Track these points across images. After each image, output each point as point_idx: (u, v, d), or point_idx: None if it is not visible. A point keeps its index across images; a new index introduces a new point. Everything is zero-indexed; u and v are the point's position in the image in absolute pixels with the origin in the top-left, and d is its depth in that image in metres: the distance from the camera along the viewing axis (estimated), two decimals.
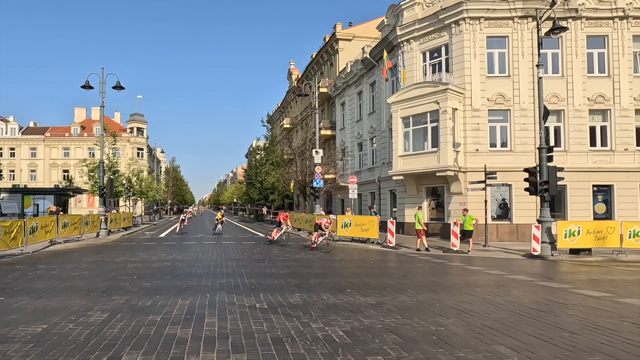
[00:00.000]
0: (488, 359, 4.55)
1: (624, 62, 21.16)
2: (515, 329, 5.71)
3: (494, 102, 21.36)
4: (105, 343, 5.00)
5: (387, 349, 4.85)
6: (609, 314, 6.60)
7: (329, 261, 13.51)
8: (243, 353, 4.68)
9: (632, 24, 21.15)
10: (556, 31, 15.46)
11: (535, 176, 15.50)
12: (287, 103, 56.24)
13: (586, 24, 21.25)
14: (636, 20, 21.14)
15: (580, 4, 20.85)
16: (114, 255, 14.50)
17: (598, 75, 21.37)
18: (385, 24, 26.51)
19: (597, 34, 21.35)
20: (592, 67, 21.47)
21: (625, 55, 21.16)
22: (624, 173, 20.77)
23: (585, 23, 21.23)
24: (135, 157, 68.90)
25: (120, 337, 5.24)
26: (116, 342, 5.02)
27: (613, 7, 20.91)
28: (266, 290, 8.24)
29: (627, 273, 11.63)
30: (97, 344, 4.95)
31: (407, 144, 22.80)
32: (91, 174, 35.18)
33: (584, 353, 4.75)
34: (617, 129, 21.09)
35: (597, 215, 20.78)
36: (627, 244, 14.84)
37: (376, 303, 7.23)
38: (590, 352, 4.77)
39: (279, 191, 42.03)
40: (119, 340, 5.10)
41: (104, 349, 4.78)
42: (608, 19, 21.17)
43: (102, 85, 22.50)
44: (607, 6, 20.95)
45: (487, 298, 7.77)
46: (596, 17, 21.14)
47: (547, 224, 15.02)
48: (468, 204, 19.64)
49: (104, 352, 4.68)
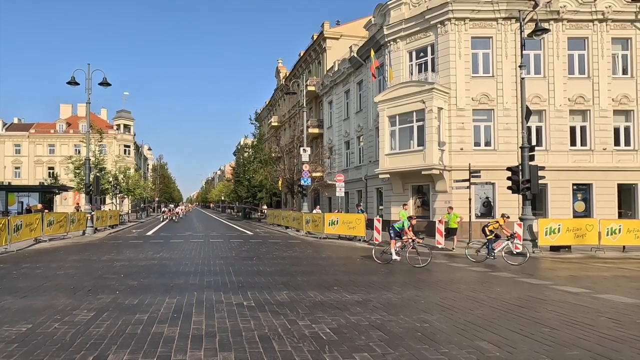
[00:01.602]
0: (471, 354, 4.61)
1: (603, 64, 21.55)
2: (497, 324, 5.80)
3: (478, 101, 21.58)
4: (91, 342, 4.94)
5: (373, 345, 4.89)
6: (587, 310, 6.74)
7: (316, 259, 13.54)
8: (230, 351, 4.67)
9: (611, 26, 21.55)
10: (538, 33, 15.68)
11: (518, 175, 15.73)
12: (275, 101, 56.04)
13: (567, 26, 21.58)
14: (615, 23, 21.54)
15: (561, 7, 21.16)
16: (100, 253, 14.31)
17: (578, 77, 21.74)
18: (372, 23, 26.57)
19: (577, 36, 21.71)
20: (572, 69, 21.83)
21: (605, 57, 21.56)
22: (603, 172, 21.19)
23: (566, 25, 21.57)
24: (122, 154, 68.02)
25: (107, 336, 5.19)
26: (102, 342, 4.97)
27: (593, 10, 21.27)
28: (254, 288, 8.23)
29: (605, 269, 11.90)
30: (83, 344, 4.89)
31: (394, 142, 22.92)
32: (77, 171, 34.62)
33: (562, 348, 4.85)
34: (596, 129, 21.50)
35: (576, 213, 21.17)
36: (605, 241, 15.16)
37: (362, 300, 7.27)
38: (569, 347, 4.88)
39: (267, 189, 41.90)
40: (105, 340, 5.04)
41: (90, 349, 4.72)
42: (588, 22, 21.53)
43: (88, 82, 22.12)
44: (587, 9, 21.31)
45: (471, 295, 7.88)
46: (577, 20, 21.49)
47: (529, 222, 15.29)
48: (453, 202, 19.85)
49: (90, 352, 4.62)
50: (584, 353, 4.68)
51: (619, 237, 15.26)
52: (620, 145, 21.69)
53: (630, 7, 21.32)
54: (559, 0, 21.17)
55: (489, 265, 12.43)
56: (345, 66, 30.34)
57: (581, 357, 4.57)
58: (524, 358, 4.51)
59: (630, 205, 21.70)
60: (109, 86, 22.53)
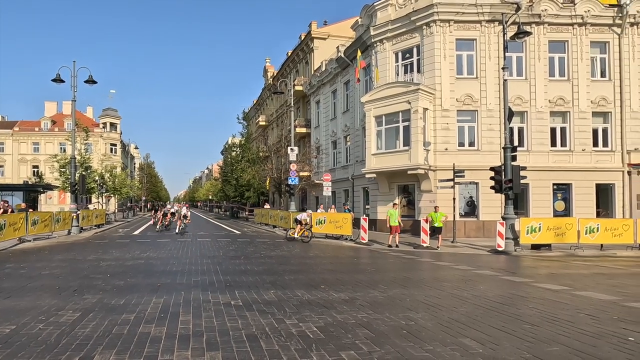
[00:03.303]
0: (455, 351, 4.66)
1: (582, 67, 21.98)
2: (480, 322, 5.87)
3: (462, 102, 21.82)
4: (76, 343, 4.85)
5: (359, 343, 4.90)
6: (566, 307, 6.87)
7: (303, 258, 13.53)
8: (217, 350, 4.64)
9: (590, 30, 21.99)
10: (520, 35, 15.90)
11: (501, 175, 15.93)
12: (262, 100, 55.83)
13: (548, 29, 21.96)
14: (593, 27, 21.99)
15: (543, 10, 21.51)
16: (86, 253, 14.08)
17: (559, 79, 22.14)
18: (359, 24, 26.65)
19: (558, 39, 22.10)
20: (553, 71, 22.22)
21: (584, 60, 21.99)
22: (582, 172, 21.61)
23: (548, 28, 21.94)
24: (109, 152, 67.04)
25: (93, 336, 5.10)
26: (88, 342, 4.88)
27: (573, 14, 21.68)
28: (241, 288, 8.19)
29: (584, 267, 12.13)
30: (68, 344, 4.81)
31: (380, 142, 23.03)
32: (62, 170, 34.02)
33: (543, 344, 4.94)
34: (575, 130, 21.92)
35: (556, 212, 21.56)
36: (584, 240, 15.47)
37: (349, 299, 7.29)
38: (549, 343, 4.96)
39: (254, 188, 41.75)
40: (91, 340, 4.96)
41: (76, 349, 4.64)
42: (568, 25, 21.94)
43: (74, 79, 21.71)
44: (567, 13, 21.71)
45: (455, 292, 7.96)
46: (557, 23, 21.88)
47: (511, 221, 15.50)
48: (437, 202, 20.05)
49: (76, 353, 4.54)
50: (563, 349, 4.77)
51: (597, 236, 15.59)
52: (599, 146, 22.17)
53: (608, 11, 21.78)
54: (540, 4, 21.52)
55: (473, 263, 12.58)
56: (332, 66, 30.37)
57: (560, 352, 4.65)
58: (506, 354, 4.57)
59: (608, 205, 22.20)
60: (94, 84, 22.16)
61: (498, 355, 4.55)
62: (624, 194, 21.84)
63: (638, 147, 21.77)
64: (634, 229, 15.73)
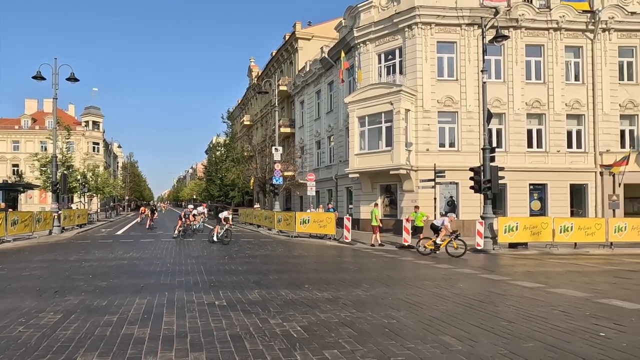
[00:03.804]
0: (435, 349, 4.73)
1: (557, 70, 22.47)
2: (459, 319, 5.96)
3: (443, 104, 22.06)
4: (58, 345, 4.76)
5: (342, 342, 4.93)
6: (541, 304, 7.03)
7: (287, 257, 13.53)
8: (202, 351, 4.61)
9: (565, 35, 22.50)
10: (499, 39, 16.15)
11: (480, 175, 16.15)
12: (247, 100, 55.48)
13: (525, 33, 22.37)
14: (568, 32, 22.50)
15: (520, 15, 21.91)
16: (67, 253, 13.78)
17: (535, 82, 22.58)
18: (343, 25, 26.71)
19: (534, 43, 22.54)
20: (529, 74, 22.65)
21: (559, 64, 22.48)
22: (557, 173, 22.10)
23: (525, 32, 22.35)
24: (91, 151, 65.62)
25: (74, 338, 5.01)
26: (70, 344, 4.80)
27: (548, 19, 22.13)
28: (225, 288, 8.14)
29: (558, 265, 12.42)
30: (49, 347, 4.71)
31: (363, 142, 23.14)
32: (43, 169, 33.22)
33: (519, 340, 5.05)
34: (551, 132, 22.40)
35: (533, 212, 21.99)
36: (559, 238, 15.84)
37: (332, 298, 7.32)
38: (525, 339, 5.08)
39: (239, 188, 41.50)
40: (73, 342, 4.87)
41: (57, 352, 4.56)
42: (544, 30, 22.39)
43: (55, 77, 21.19)
44: (543, 18, 22.15)
45: (435, 291, 8.07)
46: (534, 28, 22.30)
47: (490, 220, 15.75)
48: (419, 201, 20.24)
49: (57, 355, 4.46)
50: (538, 344, 4.89)
51: (571, 235, 15.97)
52: (573, 148, 22.69)
53: (581, 17, 22.31)
54: (517, 9, 21.91)
55: (453, 262, 12.76)
56: (316, 67, 30.37)
57: (535, 348, 4.76)
58: (484, 350, 4.66)
59: (581, 204, 22.76)
60: (76, 82, 21.66)
61: (476, 351, 4.63)
62: (597, 194, 22.43)
63: (610, 148, 22.37)
64: (605, 228, 16.17)
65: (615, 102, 22.58)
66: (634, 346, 4.85)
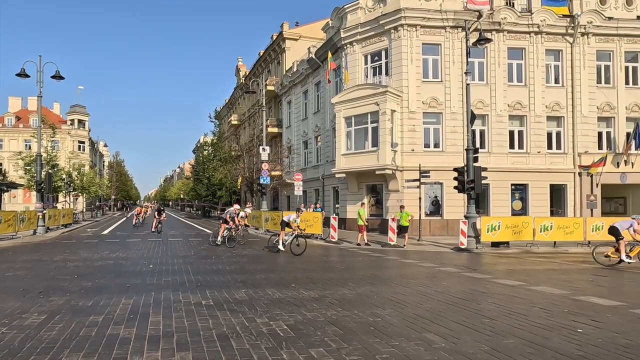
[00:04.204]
0: (419, 346, 4.78)
1: (538, 73, 22.84)
2: (443, 317, 6.04)
3: (428, 105, 22.24)
4: (42, 347, 4.68)
5: (328, 340, 4.95)
6: (522, 301, 7.16)
7: (274, 257, 13.50)
8: (188, 351, 4.58)
9: (545, 38, 22.89)
10: (482, 42, 16.33)
11: (463, 175, 16.30)
12: (235, 99, 55.10)
13: (507, 36, 22.69)
14: (548, 36, 22.90)
15: (502, 18, 22.22)
16: (52, 253, 13.53)
17: (517, 84, 22.92)
18: (330, 26, 26.74)
19: (516, 46, 22.87)
20: (511, 77, 22.98)
21: (539, 67, 22.86)
22: (537, 173, 22.48)
23: (507, 36, 22.67)
24: (76, 150, 64.41)
25: (59, 339, 4.93)
26: (54, 345, 4.72)
27: (530, 23, 22.49)
28: (212, 287, 8.09)
29: (538, 263, 12.65)
30: (33, 348, 4.63)
31: (350, 143, 23.20)
32: (27, 168, 32.50)
33: (500, 336, 5.13)
34: (532, 133, 22.76)
35: (514, 211, 22.32)
36: (539, 237, 16.13)
37: (319, 297, 7.34)
38: (505, 336, 5.17)
39: (226, 187, 41.19)
40: (58, 343, 4.79)
41: (41, 353, 4.48)
42: (525, 33, 22.74)
43: (40, 74, 20.78)
44: (525, 21, 22.50)
45: (420, 289, 8.15)
46: (515, 31, 22.64)
47: (473, 220, 15.92)
48: (404, 201, 20.38)
49: (41, 356, 4.38)
50: (518, 341, 4.98)
51: (551, 234, 16.28)
52: (553, 149, 23.10)
53: (561, 21, 22.73)
54: (500, 12, 22.21)
55: (437, 260, 12.89)
56: (303, 67, 30.33)
57: (516, 344, 4.85)
58: (466, 347, 4.73)
59: (561, 204, 23.20)
60: (62, 80, 21.26)
61: (459, 348, 4.70)
62: (575, 194, 22.88)
63: (588, 150, 22.84)
64: (583, 227, 16.53)
65: (593, 104, 23.07)
66: (609, 342, 4.98)
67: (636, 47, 23.36)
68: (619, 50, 23.24)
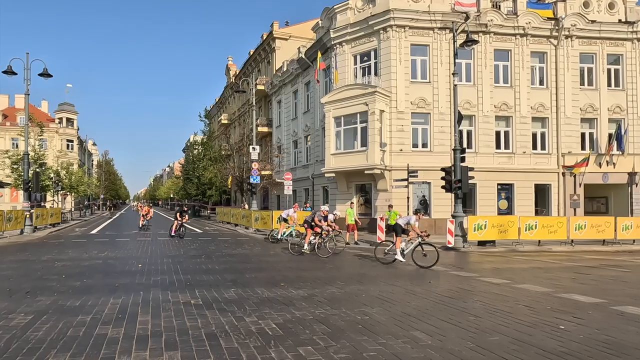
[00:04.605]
0: (406, 344, 4.81)
1: (523, 75, 23.13)
2: (430, 315, 6.09)
3: (416, 105, 22.36)
4: (28, 347, 4.61)
5: (316, 339, 4.96)
6: (507, 299, 7.25)
7: (264, 256, 13.47)
8: (177, 350, 4.55)
9: (530, 41, 23.18)
10: (469, 43, 16.47)
11: (451, 175, 16.44)
12: (225, 99, 54.77)
13: (494, 38, 22.93)
14: (534, 38, 23.20)
15: (489, 20, 22.44)
16: (40, 253, 13.32)
17: (503, 86, 23.17)
18: (320, 26, 26.72)
19: (502, 48, 23.12)
20: (498, 78, 23.23)
21: (525, 69, 23.14)
22: (522, 173, 22.77)
23: (493, 38, 22.91)
24: (65, 149, 63.46)
25: (46, 339, 4.86)
26: (41, 346, 4.65)
27: (515, 25, 22.75)
28: (202, 286, 8.05)
29: (523, 262, 12.81)
30: (19, 349, 4.55)
31: (339, 142, 23.22)
32: (14, 167, 31.98)
33: (485, 334, 5.19)
34: (517, 134, 23.04)
35: (500, 210, 22.57)
36: (524, 236, 16.33)
37: (308, 295, 7.34)
38: (490, 333, 5.23)
39: (216, 187, 40.95)
40: (45, 343, 4.72)
41: (27, 354, 4.41)
42: (511, 35, 23.01)
43: (27, 72, 20.42)
44: (510, 23, 22.76)
45: (407, 288, 8.20)
46: (502, 33, 22.89)
47: (460, 219, 16.07)
48: (393, 200, 20.48)
49: (27, 357, 4.31)
50: (503, 338, 5.04)
51: (535, 232, 16.49)
52: (537, 149, 23.41)
53: (546, 24, 23.05)
54: (487, 15, 22.43)
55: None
56: (293, 67, 30.27)
57: (500, 341, 4.91)
58: (452, 345, 4.77)
59: (545, 204, 23.53)
60: (49, 77, 20.94)
61: (445, 346, 4.74)
62: (559, 194, 23.22)
63: (571, 150, 23.19)
64: (567, 226, 16.78)
65: (577, 106, 23.43)
66: (590, 338, 5.07)
67: (618, 50, 23.78)
68: (601, 53, 23.63)
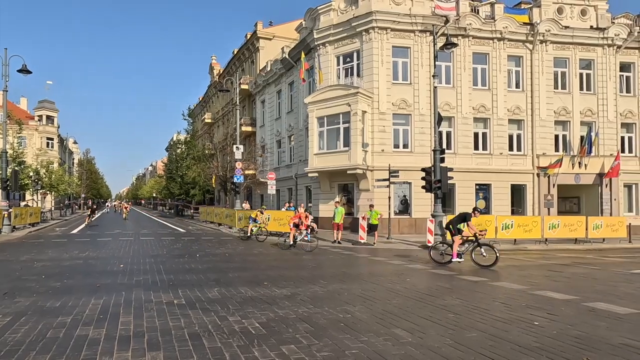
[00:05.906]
0: (387, 341, 4.85)
1: (500, 78, 23.57)
2: (410, 312, 6.16)
3: (397, 106, 22.54)
4: (6, 349, 4.47)
5: (299, 337, 4.96)
6: (484, 296, 7.39)
7: (248, 255, 13.40)
8: (159, 350, 4.49)
9: (507, 45, 23.64)
10: (448, 46, 16.64)
11: (431, 175, 16.60)
12: (208, 97, 54.19)
13: (472, 42, 23.29)
14: (510, 42, 23.67)
15: (468, 24, 22.79)
16: (18, 253, 12.93)
17: (481, 88, 23.56)
18: (303, 27, 26.67)
19: (480, 52, 23.51)
20: (476, 81, 23.60)
21: (502, 72, 23.59)
22: (499, 174, 23.21)
23: (472, 41, 23.26)
24: (45, 147, 61.68)
25: (25, 341, 4.73)
26: (20, 348, 4.52)
27: (493, 29, 23.17)
28: (185, 286, 7.95)
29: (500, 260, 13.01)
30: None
31: (322, 142, 23.24)
32: None
33: (463, 330, 5.28)
34: (494, 135, 23.47)
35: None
36: (501, 235, 16.65)
37: (291, 294, 7.33)
38: (468, 330, 5.32)
39: (200, 186, 40.49)
40: (23, 345, 4.60)
41: (5, 356, 4.28)
42: (489, 39, 23.41)
43: (6, 68, 19.86)
44: (488, 27, 23.16)
45: (389, 286, 8.27)
46: (480, 37, 23.26)
47: (440, 218, 16.25)
48: (374, 200, 20.61)
49: (5, 359, 4.20)
50: (480, 334, 5.14)
51: (512, 231, 16.84)
52: (514, 151, 23.90)
53: (522, 29, 23.54)
54: (466, 18, 22.77)
55: (406, 258, 13.10)
56: (277, 67, 30.14)
57: (478, 337, 5.00)
58: (432, 341, 4.84)
59: (521, 203, 24.05)
60: (29, 74, 20.36)
61: (425, 343, 4.81)
62: (534, 194, 23.76)
63: (545, 152, 23.75)
64: (541, 225, 17.18)
65: (551, 108, 24.00)
66: (562, 333, 5.21)
67: (590, 55, 24.45)
68: (574, 58, 24.26)
